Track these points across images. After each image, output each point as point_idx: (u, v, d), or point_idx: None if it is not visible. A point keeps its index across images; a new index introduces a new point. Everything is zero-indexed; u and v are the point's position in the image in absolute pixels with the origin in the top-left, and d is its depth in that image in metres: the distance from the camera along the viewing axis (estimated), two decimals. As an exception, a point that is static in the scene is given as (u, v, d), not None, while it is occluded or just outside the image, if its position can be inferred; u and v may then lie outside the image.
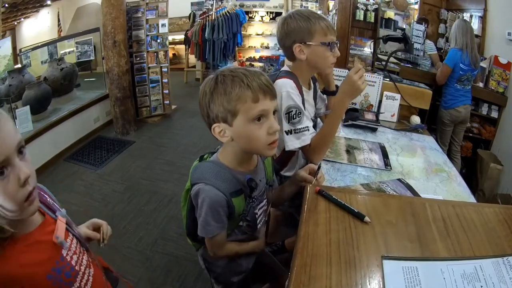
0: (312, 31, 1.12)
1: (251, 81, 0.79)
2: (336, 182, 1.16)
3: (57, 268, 0.65)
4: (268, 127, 0.80)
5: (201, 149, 3.26)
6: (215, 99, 0.80)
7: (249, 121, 0.79)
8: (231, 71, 0.81)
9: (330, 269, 0.53)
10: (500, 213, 0.69)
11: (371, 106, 1.74)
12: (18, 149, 0.59)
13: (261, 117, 0.80)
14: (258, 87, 0.79)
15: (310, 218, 0.63)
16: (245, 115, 0.79)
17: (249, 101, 0.78)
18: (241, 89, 0.78)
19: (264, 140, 0.81)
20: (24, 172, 0.58)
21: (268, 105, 0.80)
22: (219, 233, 0.87)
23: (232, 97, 0.78)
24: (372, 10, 2.55)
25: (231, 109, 0.78)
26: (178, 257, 1.93)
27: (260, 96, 0.79)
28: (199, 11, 4.95)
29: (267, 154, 0.88)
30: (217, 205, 0.83)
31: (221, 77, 0.80)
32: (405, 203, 0.71)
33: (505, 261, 0.56)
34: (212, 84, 0.81)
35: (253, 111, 0.78)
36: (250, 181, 0.86)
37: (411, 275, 0.53)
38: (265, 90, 0.79)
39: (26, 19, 5.40)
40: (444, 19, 3.48)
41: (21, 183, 0.57)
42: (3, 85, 2.90)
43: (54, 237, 0.66)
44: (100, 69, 3.97)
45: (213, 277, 1.06)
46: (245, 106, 0.78)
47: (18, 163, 0.58)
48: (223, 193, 0.82)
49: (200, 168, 0.89)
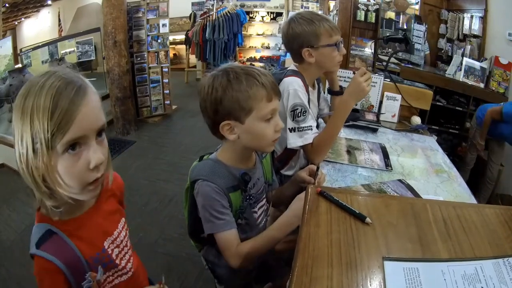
0: (318, 34, 1.14)
1: (265, 80, 0.81)
2: (337, 182, 1.16)
3: (95, 257, 0.65)
4: (275, 125, 0.84)
5: (201, 149, 3.26)
6: (228, 95, 0.79)
7: (261, 119, 0.81)
8: (242, 68, 0.82)
9: (331, 270, 0.53)
10: (501, 214, 0.69)
11: (371, 106, 1.74)
12: (98, 131, 0.58)
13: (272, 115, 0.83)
14: (270, 86, 0.81)
15: (311, 219, 0.63)
16: (258, 113, 0.81)
17: (264, 100, 0.80)
18: (257, 88, 0.79)
19: (271, 137, 0.84)
20: (97, 158, 0.56)
21: (277, 104, 0.84)
22: (224, 230, 0.84)
23: (249, 95, 0.79)
24: (373, 11, 2.55)
25: (246, 107, 0.79)
26: (178, 257, 1.93)
27: (273, 96, 0.82)
28: (199, 11, 4.96)
29: (268, 150, 0.92)
30: (212, 194, 0.83)
31: (233, 74, 0.80)
32: (406, 204, 0.71)
33: (505, 262, 0.56)
34: (224, 80, 0.80)
35: (266, 110, 0.81)
36: (243, 175, 0.87)
37: (412, 276, 0.53)
38: (275, 90, 0.83)
39: (27, 19, 5.42)
40: (445, 19, 3.48)
41: (91, 167, 0.56)
42: (4, 84, 2.90)
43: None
44: (100, 69, 3.98)
45: (216, 278, 1.06)
46: (260, 104, 0.80)
47: (94, 145, 0.56)
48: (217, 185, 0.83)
49: (198, 167, 0.91)
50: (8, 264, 1.85)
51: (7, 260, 1.87)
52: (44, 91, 0.53)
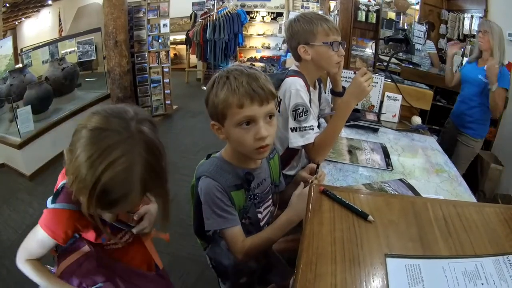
0: (315, 32, 1.16)
1: (239, 85, 0.78)
2: (338, 182, 1.17)
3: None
4: (255, 133, 0.79)
5: (202, 149, 3.26)
6: (209, 98, 0.82)
7: (235, 125, 0.80)
8: (229, 72, 0.82)
9: (335, 266, 0.54)
10: (501, 213, 0.70)
11: (372, 106, 1.75)
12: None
13: (250, 122, 0.80)
14: (244, 92, 0.77)
15: (314, 217, 0.64)
16: (231, 119, 0.80)
17: (234, 107, 0.78)
18: (227, 93, 0.78)
19: (251, 145, 0.81)
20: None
21: (255, 110, 0.78)
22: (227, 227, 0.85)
23: (220, 100, 0.79)
24: (374, 11, 2.56)
25: (219, 112, 0.80)
26: (179, 257, 1.94)
27: (246, 102, 0.78)
28: (200, 11, 4.96)
29: (256, 157, 0.88)
30: (214, 191, 0.84)
31: (219, 77, 0.82)
32: (407, 202, 0.72)
33: (505, 260, 0.57)
34: (211, 83, 0.83)
35: (238, 116, 0.79)
36: (247, 174, 0.88)
37: (413, 273, 0.54)
38: (252, 95, 0.78)
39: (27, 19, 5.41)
40: (445, 19, 3.49)
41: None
42: (4, 84, 2.90)
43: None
44: (101, 69, 3.98)
45: (220, 276, 1.07)
46: (231, 111, 0.79)
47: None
48: (219, 183, 0.84)
49: (204, 164, 0.92)
50: (9, 264, 1.84)
51: (8, 260, 1.88)
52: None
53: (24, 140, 2.70)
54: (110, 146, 0.61)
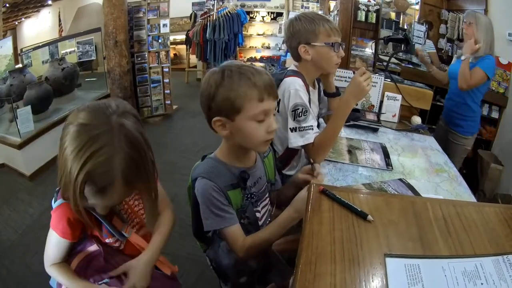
0: (317, 32, 1.15)
1: (258, 80, 0.80)
2: (338, 182, 1.17)
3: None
4: (267, 126, 0.83)
5: (201, 149, 3.26)
6: (220, 92, 0.80)
7: (251, 118, 0.81)
8: (238, 67, 0.82)
9: (334, 266, 0.53)
10: (501, 212, 0.70)
11: (372, 106, 1.75)
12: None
13: (264, 116, 0.82)
14: (263, 86, 0.80)
15: (314, 217, 0.64)
16: (248, 112, 0.80)
17: (255, 100, 0.80)
18: (248, 87, 0.79)
19: (262, 138, 0.84)
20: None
21: (271, 105, 0.83)
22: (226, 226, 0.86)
23: (238, 93, 0.79)
24: (374, 11, 2.56)
25: (236, 105, 0.80)
26: (179, 257, 1.93)
27: (265, 96, 0.81)
28: (200, 11, 4.96)
29: (260, 150, 0.91)
30: (210, 191, 0.84)
31: (228, 72, 0.81)
32: (406, 202, 0.72)
33: (505, 260, 0.57)
34: (218, 77, 0.81)
35: (257, 110, 0.80)
36: (242, 173, 0.88)
37: (413, 272, 0.54)
38: (269, 90, 0.82)
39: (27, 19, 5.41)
40: (445, 19, 3.49)
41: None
42: (4, 84, 2.90)
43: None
44: (101, 69, 3.99)
45: (220, 277, 1.07)
46: (250, 104, 0.80)
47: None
48: (215, 183, 0.84)
49: (199, 166, 0.92)
50: (9, 264, 1.85)
51: (8, 260, 1.88)
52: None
53: (24, 140, 2.71)
54: (91, 138, 0.64)
